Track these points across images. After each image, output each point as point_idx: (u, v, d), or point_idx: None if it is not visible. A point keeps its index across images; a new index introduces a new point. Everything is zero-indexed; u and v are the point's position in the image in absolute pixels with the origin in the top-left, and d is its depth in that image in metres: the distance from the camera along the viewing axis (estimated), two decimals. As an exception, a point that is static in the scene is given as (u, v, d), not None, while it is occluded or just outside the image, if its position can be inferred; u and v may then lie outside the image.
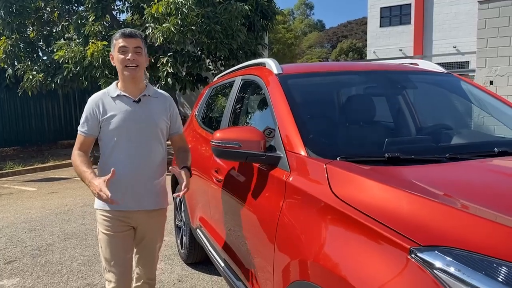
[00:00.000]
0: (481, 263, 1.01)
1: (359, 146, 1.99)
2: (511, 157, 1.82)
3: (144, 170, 2.28)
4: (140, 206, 2.30)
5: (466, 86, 2.66)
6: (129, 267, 2.35)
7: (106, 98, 2.29)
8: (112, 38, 2.30)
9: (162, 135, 2.36)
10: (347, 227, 1.37)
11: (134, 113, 2.26)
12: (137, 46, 2.23)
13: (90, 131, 2.27)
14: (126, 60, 2.20)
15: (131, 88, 2.28)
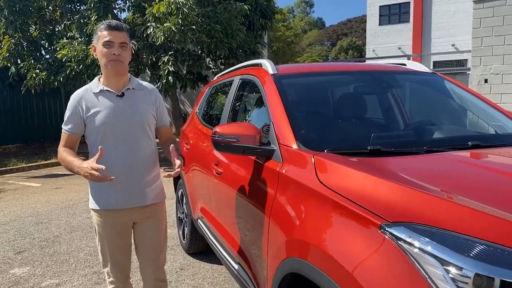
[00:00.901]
0: (437, 235, 1.21)
1: (345, 140, 2.18)
2: (482, 149, 2.02)
3: (133, 166, 2.22)
4: (133, 203, 2.24)
5: (449, 85, 2.86)
6: (126, 265, 2.35)
7: (89, 94, 2.20)
8: (96, 29, 2.22)
9: (150, 129, 2.29)
10: (330, 209, 1.57)
11: (118, 108, 2.18)
12: (122, 41, 2.15)
13: (74, 129, 2.22)
14: (111, 55, 2.12)
15: (114, 83, 2.21)
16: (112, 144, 2.17)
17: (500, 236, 1.17)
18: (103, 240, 2.30)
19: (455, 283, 1.11)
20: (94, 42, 2.21)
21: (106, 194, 2.24)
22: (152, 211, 2.33)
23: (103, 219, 2.27)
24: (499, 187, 1.50)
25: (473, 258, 1.12)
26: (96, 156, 2.02)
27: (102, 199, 2.26)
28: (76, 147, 2.29)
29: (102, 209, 2.25)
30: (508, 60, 9.53)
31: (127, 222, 2.30)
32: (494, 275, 1.08)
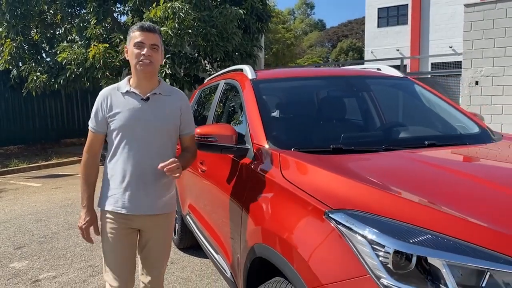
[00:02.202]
0: (368, 219, 1.41)
1: (312, 139, 2.38)
2: (436, 148, 2.23)
3: (147, 172, 2.15)
4: (142, 211, 2.18)
5: (418, 88, 3.07)
6: (129, 269, 2.28)
7: (115, 94, 2.18)
8: (129, 30, 2.18)
9: (171, 136, 2.24)
10: (288, 200, 1.77)
11: (141, 111, 2.14)
12: (154, 43, 2.11)
13: (98, 127, 2.20)
14: (141, 55, 2.09)
15: (142, 85, 2.17)
16: (128, 147, 2.14)
17: (420, 220, 1.37)
18: (108, 243, 2.23)
19: (379, 258, 1.32)
20: (127, 44, 2.19)
21: (114, 196, 2.19)
22: (159, 220, 2.26)
23: (108, 220, 2.21)
24: (433, 180, 1.71)
25: (393, 237, 1.32)
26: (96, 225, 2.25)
27: (110, 201, 2.20)
28: (100, 151, 2.27)
29: (108, 210, 2.20)
30: (498, 63, 9.72)
31: (133, 228, 2.25)
32: (411, 252, 1.29)
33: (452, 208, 1.41)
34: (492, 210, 1.43)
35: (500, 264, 1.22)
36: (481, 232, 1.31)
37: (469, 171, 1.86)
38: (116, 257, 2.24)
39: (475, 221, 1.34)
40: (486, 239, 1.28)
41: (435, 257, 1.26)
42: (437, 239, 1.30)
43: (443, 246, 1.28)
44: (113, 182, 2.19)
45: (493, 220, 1.35)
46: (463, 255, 1.25)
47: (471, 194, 1.57)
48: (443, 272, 1.24)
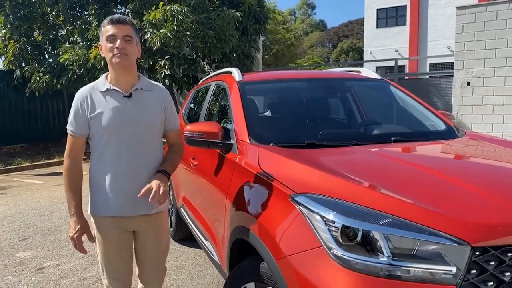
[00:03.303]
0: (324, 201, 1.67)
1: (289, 135, 2.64)
2: (401, 143, 2.48)
3: (138, 171, 2.09)
4: (136, 211, 2.12)
5: (394, 89, 3.33)
6: (127, 274, 2.25)
7: (95, 93, 2.07)
8: (100, 26, 2.09)
9: (157, 132, 2.18)
10: (262, 187, 2.03)
11: (125, 109, 2.06)
12: (126, 34, 2.01)
13: (79, 130, 2.08)
14: (114, 49, 1.98)
15: (121, 81, 2.08)
16: (116, 147, 2.06)
17: (365, 201, 1.63)
18: (103, 248, 2.18)
19: (330, 232, 1.58)
20: (100, 40, 2.09)
21: (107, 200, 2.10)
22: (154, 220, 2.21)
23: (103, 226, 2.15)
24: (384, 169, 1.97)
25: (342, 215, 1.58)
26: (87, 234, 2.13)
27: (103, 205, 2.12)
28: (82, 153, 2.15)
29: (103, 216, 2.13)
30: (489, 64, 9.96)
31: (128, 230, 2.19)
32: (356, 226, 1.55)
33: (393, 191, 1.68)
34: (427, 193, 1.69)
35: (426, 235, 1.48)
36: (413, 210, 1.57)
37: (418, 162, 2.13)
38: (114, 262, 2.19)
39: (409, 201, 1.60)
40: (417, 215, 1.54)
41: (375, 231, 1.52)
42: (377, 216, 1.56)
43: (382, 221, 1.54)
44: (104, 186, 2.08)
45: (426, 201, 1.61)
46: (397, 228, 1.51)
47: (413, 180, 1.84)
48: (381, 242, 1.50)
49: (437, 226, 1.49)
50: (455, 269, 1.42)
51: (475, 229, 1.48)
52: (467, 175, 1.91)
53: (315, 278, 1.56)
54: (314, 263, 1.58)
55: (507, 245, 1.46)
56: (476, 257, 1.44)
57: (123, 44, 2.00)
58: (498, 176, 1.97)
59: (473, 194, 1.67)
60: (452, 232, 1.46)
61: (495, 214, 1.55)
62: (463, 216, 1.53)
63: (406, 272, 1.45)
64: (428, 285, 1.43)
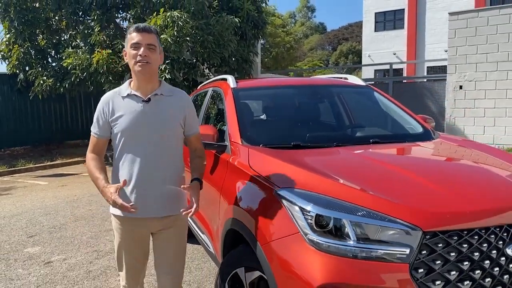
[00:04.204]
0: (302, 194, 1.93)
1: (277, 137, 2.91)
2: (378, 144, 2.75)
3: (152, 174, 2.13)
4: (147, 213, 2.16)
5: (377, 95, 3.60)
6: (139, 272, 2.32)
7: (117, 98, 2.18)
8: (126, 33, 2.17)
9: (175, 137, 2.22)
10: (251, 183, 2.30)
11: (143, 113, 2.13)
12: (150, 43, 2.08)
13: (100, 133, 2.19)
14: (137, 56, 2.07)
15: (143, 87, 2.15)
16: (132, 150, 2.13)
17: (337, 193, 1.90)
18: (119, 245, 2.26)
19: (306, 221, 1.84)
20: (125, 47, 2.17)
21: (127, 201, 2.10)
22: (170, 222, 2.23)
23: (120, 225, 2.23)
24: (357, 167, 2.24)
25: (316, 205, 1.85)
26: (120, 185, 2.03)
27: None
28: (104, 151, 2.25)
29: (123, 216, 2.19)
30: (481, 68, 10.25)
31: (143, 231, 2.25)
32: (328, 215, 1.81)
33: (362, 185, 1.95)
34: (390, 187, 1.96)
35: (386, 222, 1.74)
36: (376, 201, 1.84)
37: (388, 161, 2.40)
38: (129, 259, 2.25)
39: (374, 193, 1.87)
40: (379, 206, 1.81)
41: (343, 219, 1.79)
42: (346, 206, 1.83)
43: (350, 210, 1.81)
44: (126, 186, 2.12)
45: (388, 193, 1.88)
46: (363, 217, 1.78)
47: (380, 176, 2.11)
48: (348, 229, 1.77)
49: (395, 214, 1.76)
50: (408, 250, 1.69)
51: (426, 216, 1.74)
52: (426, 172, 2.19)
53: (293, 259, 1.83)
54: (292, 247, 1.85)
55: (453, 230, 1.72)
56: (426, 240, 1.70)
57: (146, 52, 2.08)
58: (453, 173, 2.25)
59: (428, 188, 1.94)
60: (407, 219, 1.73)
61: (444, 204, 1.82)
62: (417, 206, 1.80)
63: (369, 253, 1.72)
64: (386, 263, 1.70)
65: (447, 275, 1.67)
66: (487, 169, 2.32)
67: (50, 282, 3.75)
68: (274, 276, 1.89)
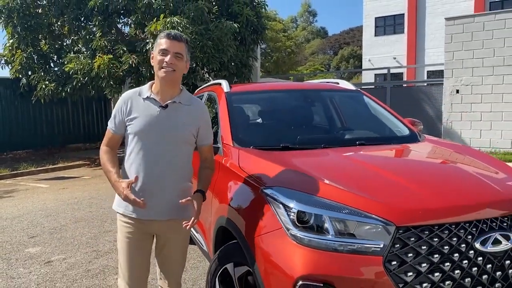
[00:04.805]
0: (286, 192, 2.05)
1: (267, 139, 3.03)
2: (363, 146, 2.86)
3: (159, 178, 2.16)
4: (152, 216, 2.20)
5: (366, 99, 3.72)
6: (144, 275, 2.32)
7: (136, 98, 2.21)
8: (157, 37, 2.22)
9: (186, 145, 2.26)
10: (241, 182, 2.42)
11: (158, 118, 2.17)
12: (178, 51, 2.13)
13: (116, 129, 2.24)
14: (164, 62, 2.12)
15: (163, 92, 2.19)
16: (143, 152, 2.17)
17: (318, 191, 2.02)
18: (123, 246, 2.27)
19: (289, 217, 1.96)
20: (154, 51, 2.20)
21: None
22: (175, 225, 2.24)
23: (127, 225, 2.26)
24: (339, 166, 2.36)
25: (298, 202, 1.97)
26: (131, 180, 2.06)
27: (124, 203, 2.21)
28: (117, 146, 2.30)
29: (129, 216, 2.23)
30: (477, 73, 10.37)
31: (147, 233, 2.28)
32: (309, 211, 1.93)
33: (342, 183, 2.07)
34: (368, 185, 2.08)
35: (362, 217, 1.86)
36: (354, 198, 1.96)
37: (369, 161, 2.52)
38: (131, 261, 2.26)
39: (352, 191, 1.99)
40: (357, 202, 1.93)
41: (322, 214, 1.91)
42: (326, 203, 1.95)
43: (329, 207, 1.93)
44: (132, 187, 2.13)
45: (366, 191, 2.00)
46: (341, 213, 1.90)
47: (360, 175, 2.23)
48: (328, 224, 1.88)
49: (371, 210, 1.87)
50: (382, 244, 1.81)
51: (400, 213, 1.86)
52: (404, 171, 2.31)
53: (276, 253, 1.95)
54: (276, 241, 1.97)
55: (425, 225, 1.84)
56: (399, 234, 1.82)
57: (173, 60, 2.12)
58: (429, 172, 2.37)
59: (403, 186, 2.06)
60: (382, 215, 1.85)
61: (417, 201, 1.94)
62: (392, 202, 1.92)
63: (346, 247, 1.84)
64: (362, 256, 1.82)
65: (419, 267, 1.79)
66: (461, 168, 2.44)
67: (50, 281, 3.87)
68: (259, 269, 2.01)
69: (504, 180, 2.28)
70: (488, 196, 2.04)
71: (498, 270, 1.88)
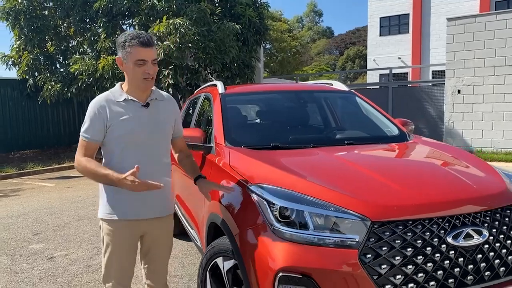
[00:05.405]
0: (270, 189, 2.15)
1: (257, 139, 3.14)
2: (351, 146, 2.96)
3: (153, 175, 2.15)
4: (153, 214, 2.25)
5: (359, 100, 3.81)
6: (130, 275, 2.34)
7: (112, 103, 2.18)
8: (122, 40, 2.12)
9: (168, 140, 2.34)
10: (230, 180, 2.53)
11: (144, 118, 2.19)
12: (154, 58, 2.14)
13: (95, 137, 2.16)
14: (145, 74, 2.12)
15: (139, 94, 2.21)
16: (134, 154, 2.17)
17: (300, 188, 2.12)
18: (112, 252, 2.24)
19: (273, 213, 2.06)
20: (122, 56, 2.13)
21: (125, 204, 2.19)
22: (165, 221, 2.35)
23: (117, 230, 2.21)
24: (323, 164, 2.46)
25: (281, 199, 2.07)
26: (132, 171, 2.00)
27: (120, 209, 2.20)
28: (94, 155, 2.21)
29: (119, 219, 2.20)
30: (479, 73, 10.40)
31: (140, 232, 2.30)
32: (290, 207, 2.04)
33: (323, 181, 2.17)
34: (347, 182, 2.18)
35: (340, 213, 1.96)
36: (333, 195, 2.05)
37: (353, 160, 2.62)
38: (122, 265, 2.26)
39: (331, 188, 2.09)
40: (335, 199, 2.02)
41: (303, 210, 2.01)
42: (307, 199, 2.05)
43: (310, 203, 2.03)
44: (120, 191, 2.11)
45: (345, 188, 2.10)
46: (320, 208, 2.00)
47: (342, 173, 2.33)
48: (308, 219, 1.99)
49: (348, 206, 1.97)
50: (358, 238, 1.90)
51: (375, 208, 1.96)
52: (384, 169, 2.40)
53: (259, 246, 2.05)
54: (259, 235, 2.07)
55: (399, 220, 1.94)
56: (375, 229, 1.91)
57: (153, 68, 2.14)
58: (409, 170, 2.46)
59: (382, 183, 2.15)
60: (358, 210, 1.95)
61: (393, 197, 2.03)
62: (368, 199, 2.01)
63: (324, 240, 1.94)
64: (339, 249, 1.91)
65: (393, 260, 1.88)
66: (440, 167, 2.52)
67: (52, 275, 4.00)
68: (244, 262, 2.12)
69: (481, 178, 2.37)
70: (462, 193, 2.13)
71: (470, 264, 1.97)
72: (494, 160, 9.43)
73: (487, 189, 2.21)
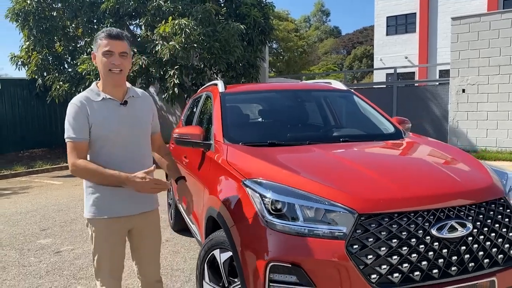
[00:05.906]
0: (263, 183, 2.25)
1: (255, 136, 3.23)
2: (346, 143, 3.04)
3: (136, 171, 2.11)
4: (140, 209, 2.28)
5: (357, 99, 3.89)
6: (121, 271, 2.36)
7: (90, 102, 2.16)
8: (96, 36, 2.16)
9: (148, 136, 2.36)
10: (227, 175, 2.63)
11: (123, 116, 2.20)
12: (123, 51, 2.12)
13: (80, 135, 2.13)
14: (111, 64, 2.09)
15: (115, 92, 2.20)
16: (117, 151, 2.18)
17: (293, 182, 2.21)
18: (102, 250, 2.24)
19: (265, 206, 2.16)
20: (94, 50, 2.16)
21: (111, 202, 2.21)
22: (152, 216, 2.39)
23: (106, 228, 2.22)
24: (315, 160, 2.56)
25: (274, 192, 2.17)
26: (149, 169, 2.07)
27: (106, 207, 2.22)
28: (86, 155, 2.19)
29: (107, 218, 2.21)
30: (483, 72, 10.40)
31: (128, 228, 2.31)
32: (282, 200, 2.13)
33: (315, 176, 2.26)
34: (338, 177, 2.28)
35: (328, 205, 2.06)
36: (322, 188, 2.15)
37: (346, 156, 2.71)
38: (113, 260, 2.27)
39: (321, 182, 2.19)
40: (324, 192, 2.12)
41: (294, 203, 2.10)
42: (298, 193, 2.14)
43: (300, 196, 2.12)
44: (107, 189, 2.15)
45: (334, 182, 2.19)
46: (310, 201, 2.09)
47: (333, 168, 2.42)
48: (298, 211, 2.08)
49: (336, 199, 2.07)
50: (345, 229, 2.00)
51: (362, 201, 2.05)
52: (374, 165, 2.49)
53: (253, 238, 2.15)
54: (252, 227, 2.17)
55: (385, 213, 2.02)
56: (361, 221, 2.00)
57: (119, 60, 2.12)
58: (398, 165, 2.55)
59: (370, 178, 2.24)
60: (345, 203, 2.04)
61: (380, 191, 2.12)
62: (356, 192, 2.10)
63: (314, 231, 2.03)
64: (328, 240, 2.01)
65: (378, 251, 1.97)
66: (429, 162, 2.61)
67: (58, 269, 4.13)
68: (238, 253, 2.22)
69: (467, 173, 2.45)
70: (447, 188, 2.21)
71: (454, 255, 2.05)
72: (499, 160, 9.44)
73: (473, 184, 2.29)
